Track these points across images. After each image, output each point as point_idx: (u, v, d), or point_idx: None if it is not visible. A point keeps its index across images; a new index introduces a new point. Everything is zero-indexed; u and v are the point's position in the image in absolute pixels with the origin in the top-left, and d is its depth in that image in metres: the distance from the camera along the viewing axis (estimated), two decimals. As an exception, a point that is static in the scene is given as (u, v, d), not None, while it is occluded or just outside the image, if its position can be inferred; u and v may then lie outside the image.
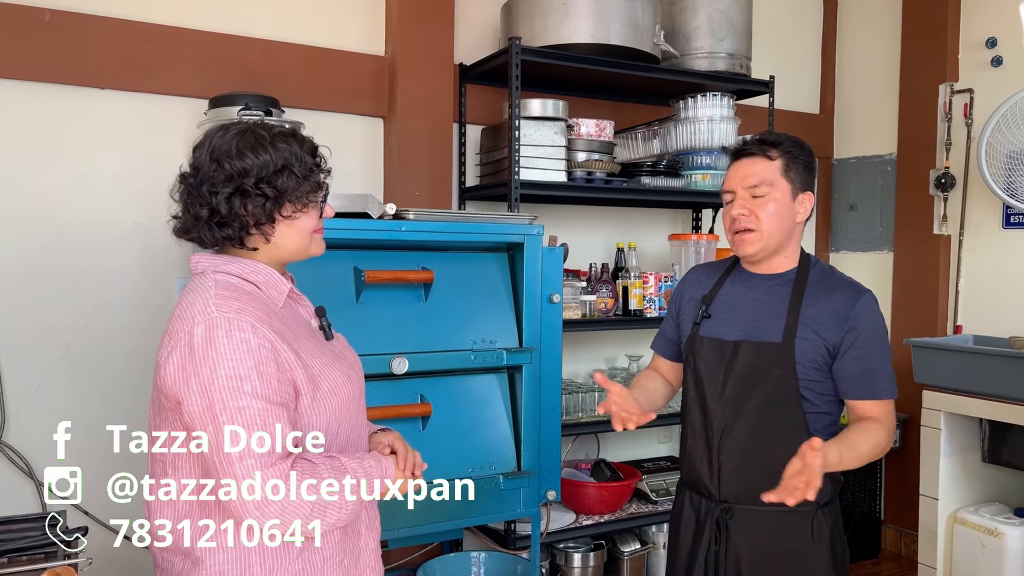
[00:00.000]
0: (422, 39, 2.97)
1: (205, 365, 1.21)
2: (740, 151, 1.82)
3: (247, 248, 1.36)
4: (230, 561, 1.30)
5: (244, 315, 1.25)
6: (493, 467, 2.38)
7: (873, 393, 1.72)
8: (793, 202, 1.78)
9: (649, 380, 1.99)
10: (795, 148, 1.79)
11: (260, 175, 1.31)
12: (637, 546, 3.16)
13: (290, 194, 1.34)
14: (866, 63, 4.10)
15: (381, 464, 1.36)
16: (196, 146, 1.37)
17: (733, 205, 1.79)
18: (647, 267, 3.37)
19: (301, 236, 1.38)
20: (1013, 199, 3.25)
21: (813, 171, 1.83)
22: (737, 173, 1.80)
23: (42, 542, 1.65)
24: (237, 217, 1.32)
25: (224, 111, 2.41)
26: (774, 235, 1.77)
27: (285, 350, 1.28)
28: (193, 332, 1.23)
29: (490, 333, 2.40)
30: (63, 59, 2.49)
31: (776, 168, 1.77)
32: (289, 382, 1.28)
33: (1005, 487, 3.19)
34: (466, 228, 2.40)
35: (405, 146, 2.95)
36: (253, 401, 1.21)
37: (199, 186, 1.32)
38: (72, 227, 2.54)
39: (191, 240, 1.37)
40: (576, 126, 3.03)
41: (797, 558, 1.75)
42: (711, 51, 3.23)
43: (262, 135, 1.34)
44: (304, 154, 1.36)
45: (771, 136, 1.82)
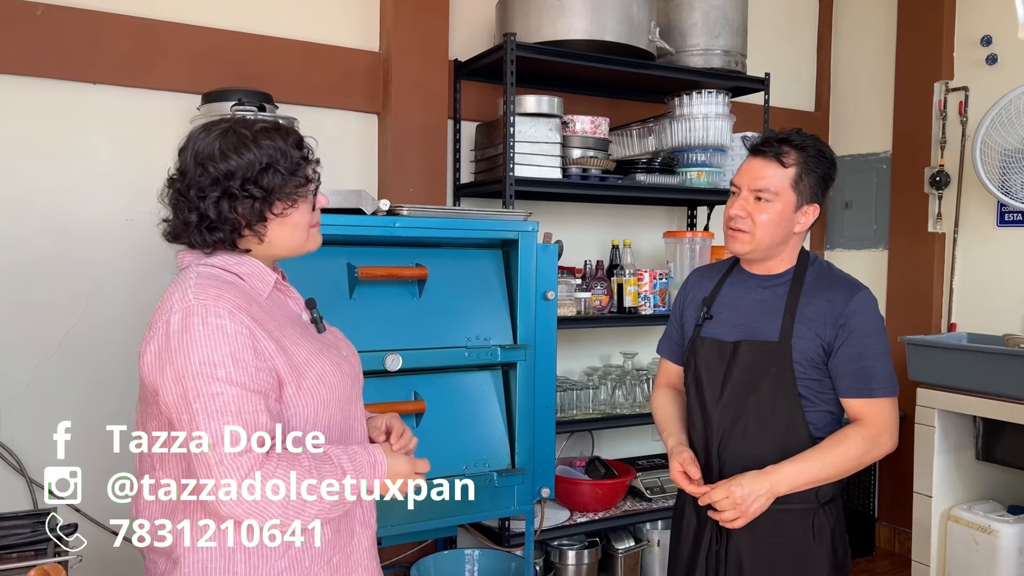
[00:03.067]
0: (417, 35, 2.96)
1: (180, 352, 1.20)
2: (758, 148, 1.77)
3: (240, 250, 1.35)
4: (213, 558, 1.28)
5: (221, 302, 1.23)
6: (487, 464, 2.37)
7: (867, 391, 1.71)
8: (795, 213, 1.75)
9: (677, 406, 1.97)
10: (815, 158, 1.74)
11: (246, 176, 1.29)
12: (631, 544, 3.16)
13: (278, 192, 1.32)
14: (861, 61, 4.10)
15: (368, 452, 1.33)
16: (180, 149, 1.35)
17: (735, 203, 1.77)
18: (642, 264, 3.36)
19: (295, 232, 1.37)
20: (1008, 197, 3.26)
21: (828, 184, 1.78)
22: (749, 171, 1.77)
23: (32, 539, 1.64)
24: (227, 220, 1.30)
25: (217, 106, 2.39)
26: (765, 242, 1.76)
27: (264, 338, 1.26)
28: (170, 321, 1.22)
29: (484, 330, 2.40)
30: (56, 54, 2.47)
31: (787, 177, 1.73)
32: (269, 370, 1.25)
33: (999, 485, 3.19)
34: (460, 224, 2.39)
35: (399, 142, 2.94)
36: (227, 387, 1.19)
37: (186, 191, 1.31)
38: (64, 222, 2.52)
39: (183, 244, 1.36)
40: (571, 123, 3.02)
41: (798, 557, 1.75)
42: (707, 48, 3.22)
43: (244, 134, 1.32)
44: (289, 148, 1.34)
45: (796, 138, 1.75)
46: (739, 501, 1.64)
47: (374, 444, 1.40)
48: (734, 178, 1.81)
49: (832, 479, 1.72)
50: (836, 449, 1.69)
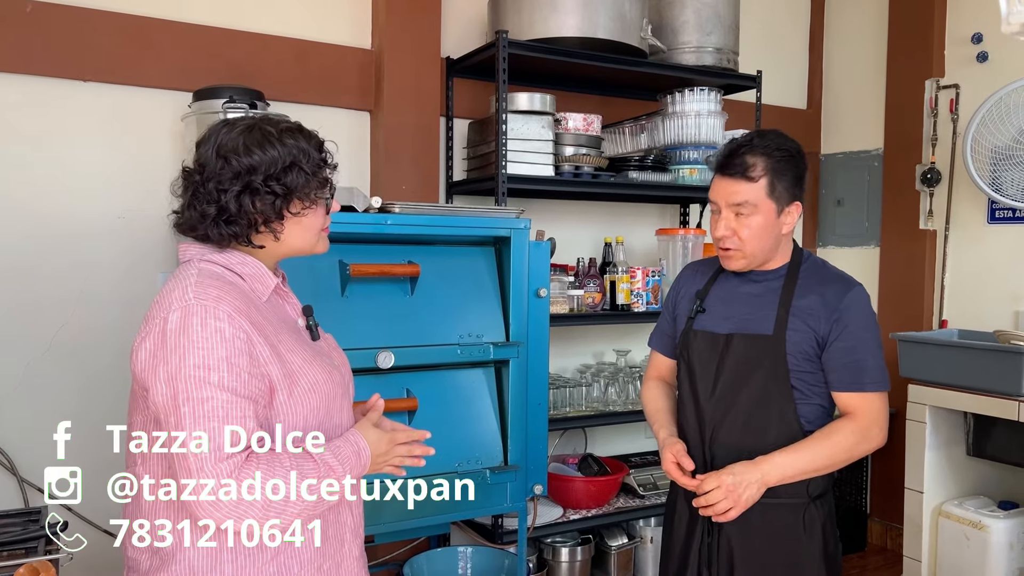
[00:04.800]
0: (409, 32, 2.96)
1: (175, 353, 1.19)
2: (722, 169, 1.75)
3: (254, 246, 1.34)
4: (200, 558, 1.27)
5: (222, 304, 1.23)
6: (480, 462, 2.37)
7: (859, 385, 1.72)
8: (779, 218, 1.75)
9: (667, 399, 1.97)
10: (782, 161, 1.72)
11: (268, 172, 1.30)
12: (624, 540, 3.17)
13: (299, 191, 1.33)
14: (853, 58, 4.11)
15: (348, 442, 1.31)
16: (200, 142, 1.35)
17: (718, 223, 1.77)
18: (635, 262, 3.37)
19: (307, 233, 1.38)
20: (998, 194, 3.27)
21: (803, 178, 1.77)
22: (721, 189, 1.76)
23: (23, 537, 1.64)
24: (246, 215, 1.30)
25: (208, 104, 2.39)
26: (757, 253, 1.76)
27: (261, 343, 1.25)
28: (168, 319, 1.21)
29: (477, 327, 2.40)
30: (45, 51, 2.46)
31: (760, 189, 1.71)
32: (262, 376, 1.25)
33: (989, 480, 3.21)
34: (453, 222, 2.39)
35: (391, 140, 2.94)
36: (218, 392, 1.18)
37: (205, 183, 1.30)
38: (54, 220, 2.51)
39: (196, 237, 1.35)
40: (563, 120, 3.02)
41: (789, 551, 1.75)
42: (698, 46, 3.23)
43: (269, 131, 1.32)
44: (311, 149, 1.35)
45: (759, 143, 1.72)
46: (731, 489, 1.65)
47: (350, 429, 1.37)
48: (710, 194, 1.80)
49: (822, 471, 1.73)
50: (826, 441, 1.70)
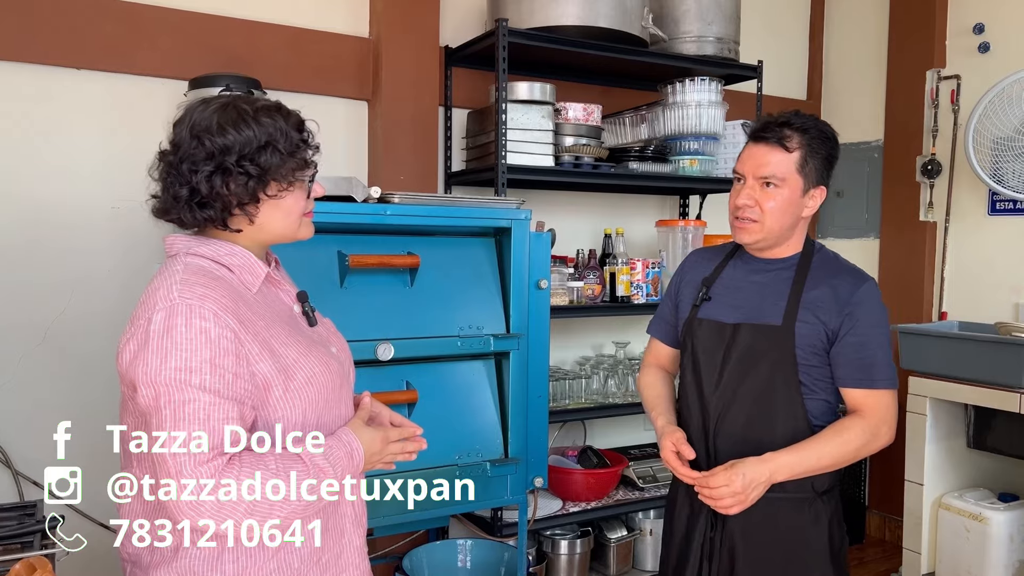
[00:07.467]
0: (407, 20, 2.93)
1: (157, 355, 1.16)
2: (759, 134, 1.73)
3: (230, 230, 1.30)
4: (201, 558, 1.24)
5: (207, 302, 1.19)
6: (480, 454, 2.35)
7: (869, 381, 1.68)
8: (803, 198, 1.72)
9: (665, 386, 1.93)
10: (818, 140, 1.70)
11: (242, 152, 1.24)
12: (624, 533, 3.16)
13: (274, 172, 1.27)
14: (853, 49, 4.09)
15: (341, 442, 1.28)
16: (176, 122, 1.30)
17: (741, 192, 1.73)
18: (635, 253, 3.35)
19: (288, 217, 1.32)
20: (999, 185, 3.25)
21: (832, 164, 1.75)
22: (752, 158, 1.72)
23: (19, 532, 1.62)
24: (219, 197, 1.25)
25: (204, 92, 2.35)
26: (775, 230, 1.72)
27: (250, 340, 1.22)
28: (152, 319, 1.18)
29: (477, 319, 2.38)
30: (37, 38, 2.42)
31: (792, 161, 1.69)
32: (249, 376, 1.21)
33: (989, 472, 3.20)
34: (452, 212, 2.36)
35: (390, 130, 2.91)
36: (200, 394, 1.15)
37: (179, 164, 1.25)
38: (48, 211, 2.48)
39: (171, 221, 1.31)
40: (563, 110, 3.00)
41: (794, 546, 1.72)
42: (699, 35, 3.20)
43: (244, 109, 1.27)
44: (289, 129, 1.30)
45: (796, 120, 1.71)
46: (739, 491, 1.59)
47: (343, 427, 1.33)
48: (736, 166, 1.76)
49: (829, 469, 1.69)
50: (836, 439, 1.66)
